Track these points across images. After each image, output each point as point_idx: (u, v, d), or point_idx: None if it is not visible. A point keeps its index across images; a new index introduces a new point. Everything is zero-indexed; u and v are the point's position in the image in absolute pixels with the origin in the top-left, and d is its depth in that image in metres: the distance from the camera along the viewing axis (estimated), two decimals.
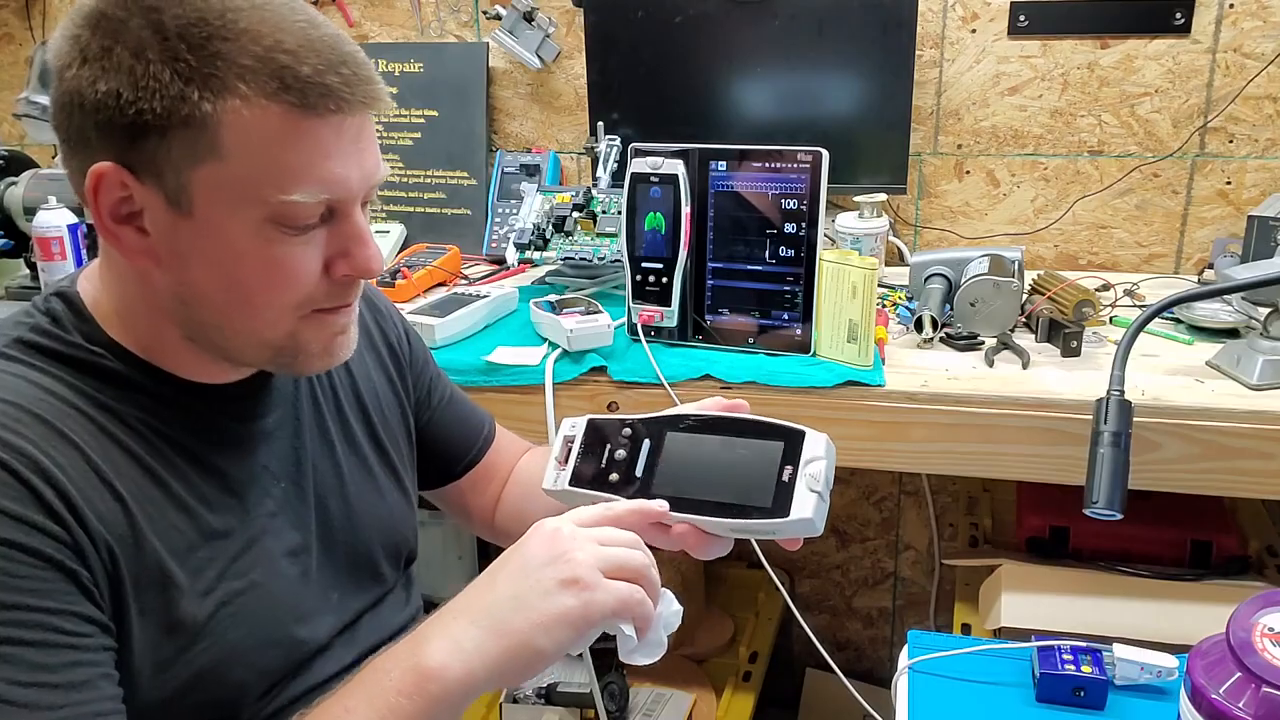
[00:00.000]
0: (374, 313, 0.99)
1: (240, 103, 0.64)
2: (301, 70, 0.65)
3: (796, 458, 0.67)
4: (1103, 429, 1.06)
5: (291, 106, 0.65)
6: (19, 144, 2.12)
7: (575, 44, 1.94)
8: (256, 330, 0.72)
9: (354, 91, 0.67)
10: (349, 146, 0.69)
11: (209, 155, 0.65)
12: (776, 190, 1.33)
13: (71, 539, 0.65)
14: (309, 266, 0.71)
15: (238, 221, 0.67)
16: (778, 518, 0.66)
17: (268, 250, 0.68)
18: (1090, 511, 1.03)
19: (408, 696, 0.64)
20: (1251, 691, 0.68)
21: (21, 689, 0.60)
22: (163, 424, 0.74)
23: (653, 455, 0.71)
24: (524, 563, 0.68)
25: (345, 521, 0.87)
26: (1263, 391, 1.19)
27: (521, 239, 1.66)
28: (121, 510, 0.69)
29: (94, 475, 0.68)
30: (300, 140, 0.66)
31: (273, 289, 0.70)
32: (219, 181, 0.66)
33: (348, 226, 0.71)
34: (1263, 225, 1.54)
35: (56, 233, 1.49)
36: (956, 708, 0.91)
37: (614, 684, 1.70)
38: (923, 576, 2.08)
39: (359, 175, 0.70)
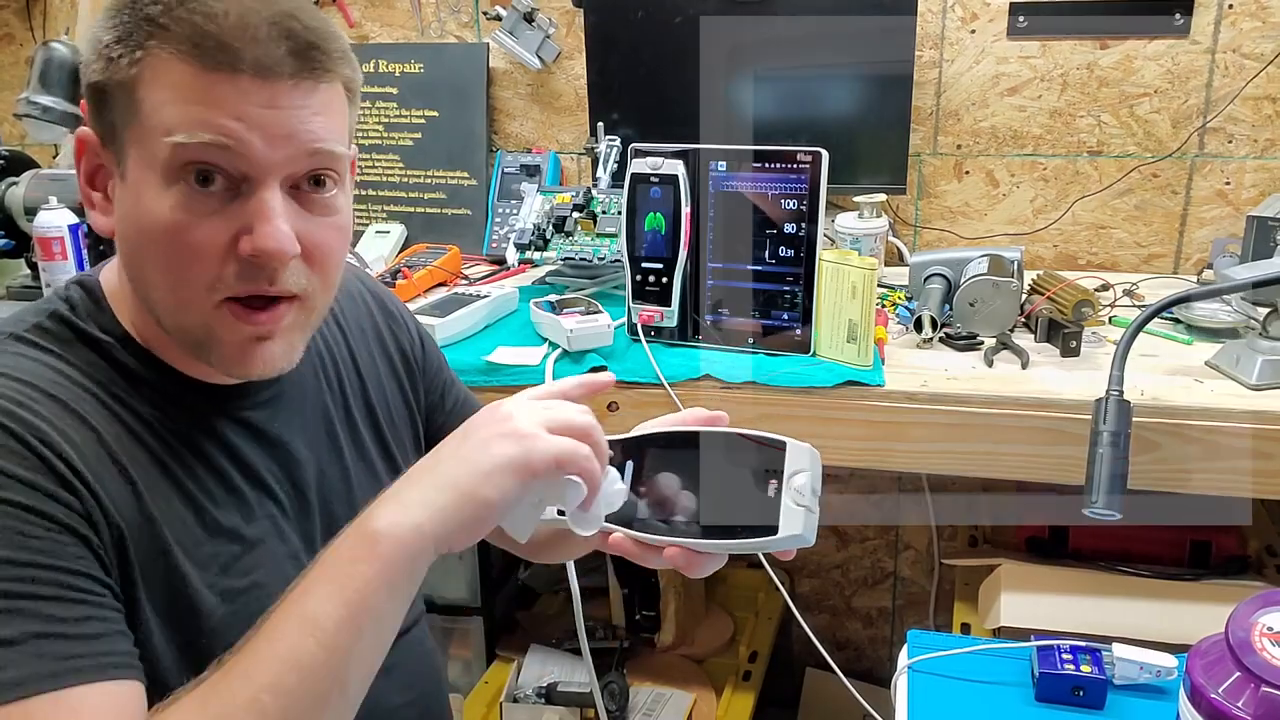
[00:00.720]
0: (386, 316, 0.98)
1: (152, 59, 0.67)
2: (208, 28, 0.66)
3: (780, 472, 0.66)
4: (1102, 429, 1.06)
5: (193, 61, 0.66)
6: (19, 144, 2.12)
7: (575, 44, 1.94)
8: (174, 312, 0.71)
9: (264, 52, 0.66)
10: (258, 109, 0.67)
11: (133, 113, 0.68)
12: (776, 190, 1.33)
13: (83, 507, 0.65)
14: (213, 238, 0.68)
15: (149, 180, 0.68)
16: (766, 536, 0.65)
17: (172, 217, 0.67)
18: (1090, 512, 1.03)
19: (363, 561, 0.63)
20: (1251, 691, 0.68)
21: (37, 640, 0.61)
22: (170, 420, 0.74)
23: (635, 477, 0.71)
24: (467, 428, 0.68)
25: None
26: (1262, 391, 1.19)
27: (522, 239, 1.66)
28: (132, 493, 0.69)
29: (107, 457, 0.68)
30: (196, 92, 0.66)
31: (177, 260, 0.68)
32: (138, 139, 0.68)
33: (256, 202, 0.68)
34: (1262, 225, 1.54)
35: (57, 233, 1.49)
36: (956, 707, 0.91)
37: (614, 684, 1.70)
38: (922, 576, 2.08)
39: (267, 139, 0.67)
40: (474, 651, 1.94)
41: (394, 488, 0.67)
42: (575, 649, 1.78)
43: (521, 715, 1.72)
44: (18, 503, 0.63)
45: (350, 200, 0.77)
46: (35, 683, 0.60)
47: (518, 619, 1.99)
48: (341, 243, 0.75)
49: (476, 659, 1.93)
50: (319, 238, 0.72)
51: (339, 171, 0.73)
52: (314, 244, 0.72)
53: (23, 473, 0.64)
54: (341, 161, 0.73)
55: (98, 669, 0.63)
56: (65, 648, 0.62)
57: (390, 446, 0.93)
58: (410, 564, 0.64)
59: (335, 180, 0.73)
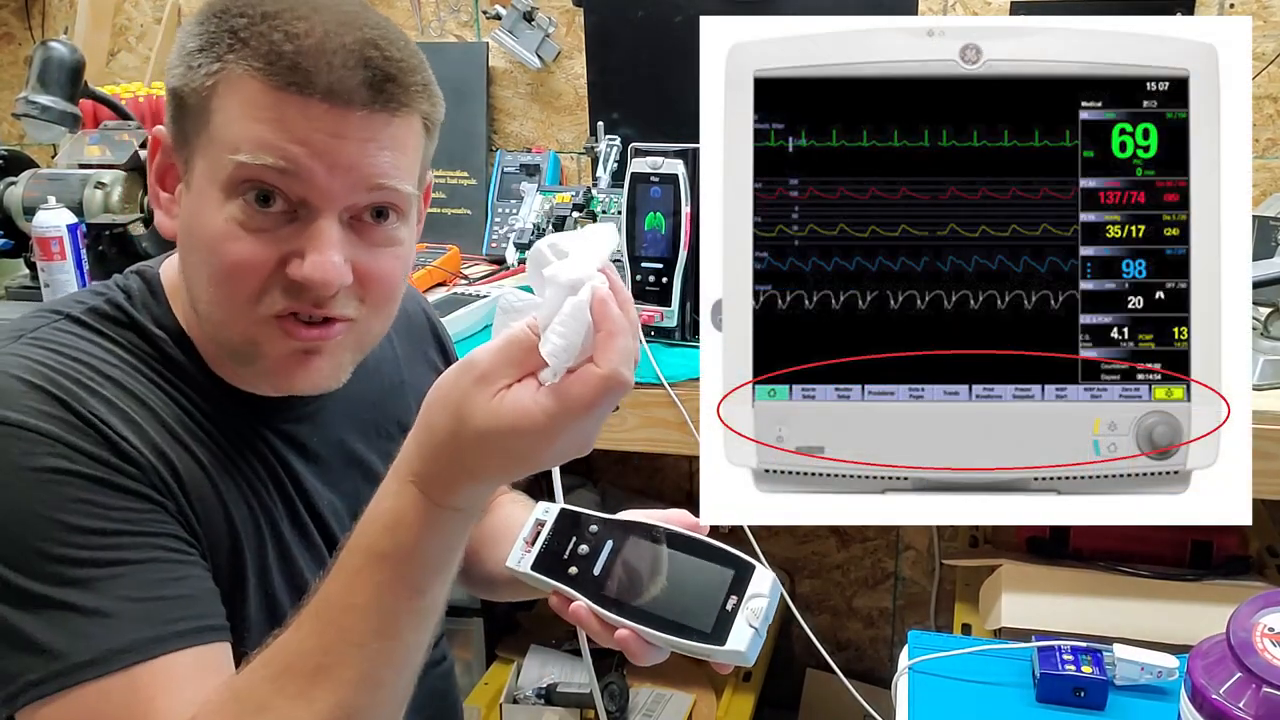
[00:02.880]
0: (440, 349, 0.99)
1: (228, 72, 0.66)
2: (285, 48, 0.65)
3: (743, 590, 0.69)
4: None
5: (265, 79, 0.65)
6: (19, 144, 2.11)
7: (575, 44, 1.94)
8: (221, 323, 0.70)
9: (338, 79, 0.65)
10: (325, 137, 0.65)
11: (204, 125, 0.67)
12: None
13: (148, 479, 0.66)
14: (263, 256, 0.67)
15: (211, 194, 0.67)
16: (713, 644, 0.67)
17: (229, 229, 0.67)
18: None
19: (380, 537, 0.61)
20: (1252, 691, 0.68)
21: (134, 605, 0.62)
22: (210, 424, 0.74)
23: (611, 557, 0.73)
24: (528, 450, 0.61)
25: None
26: (1263, 391, 1.19)
27: (521, 239, 1.66)
28: (197, 466, 0.70)
29: (167, 433, 0.69)
30: (265, 111, 0.65)
31: (224, 272, 0.67)
32: (205, 150, 0.68)
33: (314, 230, 0.67)
34: (1263, 225, 1.54)
35: (56, 233, 1.49)
36: (957, 708, 0.91)
37: (614, 684, 1.70)
38: (923, 576, 2.08)
39: (329, 168, 0.66)
40: (474, 652, 1.94)
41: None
42: (575, 650, 1.78)
43: (521, 716, 1.71)
44: (88, 475, 0.63)
45: (415, 231, 0.75)
46: (136, 651, 0.61)
47: (518, 620, 1.99)
48: (399, 273, 0.74)
49: (476, 660, 1.93)
50: (375, 268, 0.71)
51: (403, 208, 0.71)
52: (369, 273, 0.70)
53: (87, 446, 0.64)
54: (406, 199, 0.71)
55: (195, 632, 0.64)
56: (162, 612, 0.62)
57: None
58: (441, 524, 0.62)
59: (399, 215, 0.71)
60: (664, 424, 1.30)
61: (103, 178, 1.59)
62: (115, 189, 1.59)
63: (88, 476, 0.63)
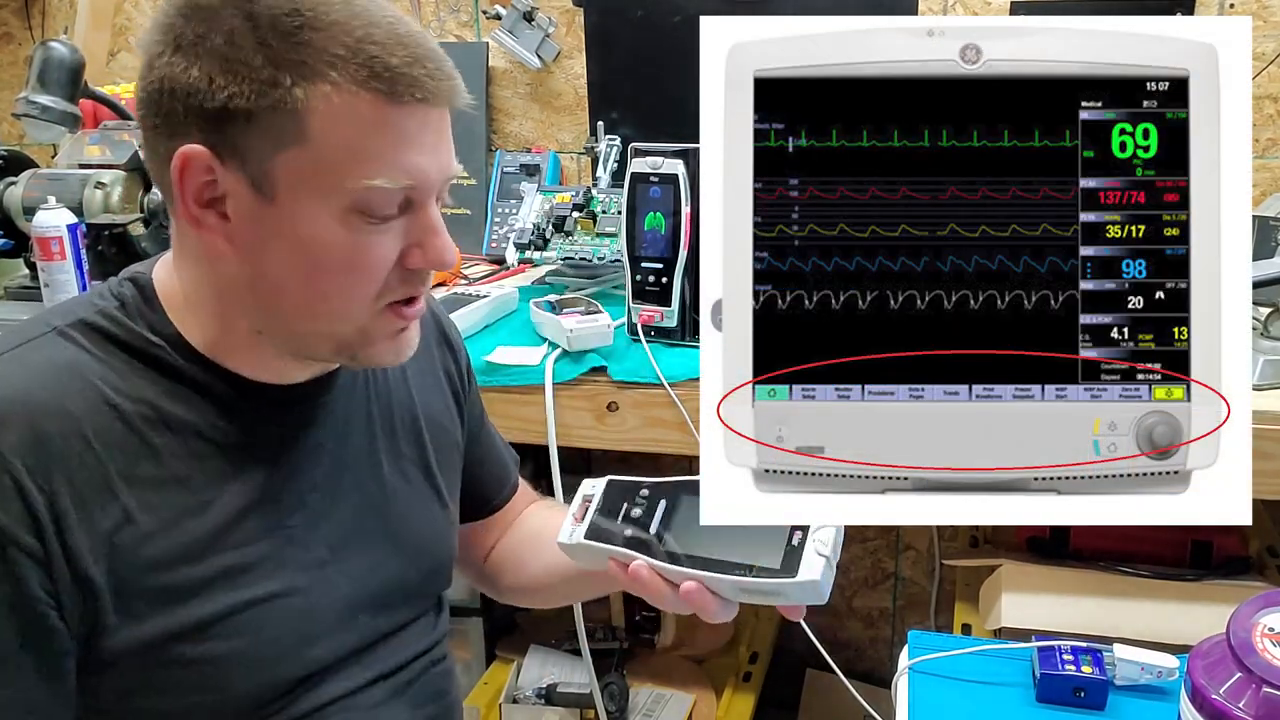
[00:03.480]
0: (444, 342, 0.99)
1: (330, 89, 0.66)
2: (390, 60, 0.66)
3: (806, 526, 0.69)
4: None
5: (379, 94, 0.66)
6: (19, 144, 2.11)
7: (575, 44, 1.94)
8: (330, 321, 0.72)
9: (438, 85, 0.69)
10: (430, 139, 0.70)
11: (294, 140, 0.66)
12: None
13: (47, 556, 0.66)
14: (387, 256, 0.71)
15: (320, 209, 0.68)
16: (785, 577, 0.67)
17: (349, 239, 0.69)
18: None
19: None
20: (1252, 692, 0.68)
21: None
22: (208, 425, 0.74)
23: (667, 515, 0.73)
24: None
25: (381, 542, 0.85)
26: (1263, 391, 1.19)
27: (521, 239, 1.66)
28: (123, 515, 0.69)
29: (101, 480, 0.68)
30: (386, 128, 0.67)
31: (351, 278, 0.71)
32: (303, 167, 0.67)
33: (424, 218, 0.72)
34: (1263, 225, 1.54)
35: (56, 233, 1.49)
36: (956, 708, 0.91)
37: (614, 685, 1.70)
38: (923, 576, 2.08)
39: (437, 168, 0.71)
40: (474, 652, 1.94)
41: None
42: (575, 650, 1.78)
43: (521, 716, 1.71)
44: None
45: None
46: None
47: (517, 620, 1.99)
48: None
49: (476, 660, 1.93)
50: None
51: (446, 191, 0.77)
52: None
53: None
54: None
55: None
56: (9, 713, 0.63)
57: (432, 464, 0.92)
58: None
59: (444, 198, 0.77)
60: (664, 424, 1.30)
61: (103, 178, 1.59)
62: (115, 189, 1.59)
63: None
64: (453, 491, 0.96)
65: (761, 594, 0.68)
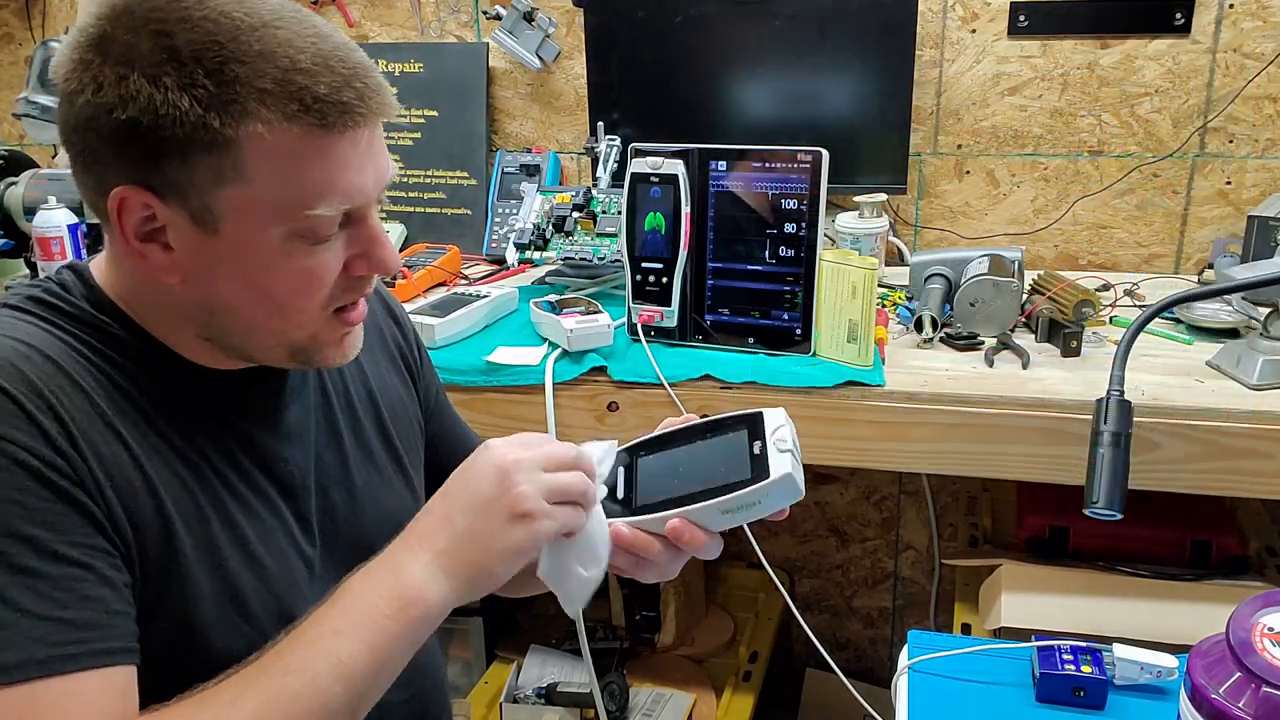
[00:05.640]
0: (389, 316, 0.99)
1: (262, 127, 0.66)
2: (318, 90, 0.66)
3: (762, 432, 0.72)
4: (1103, 429, 1.06)
5: (311, 126, 0.67)
6: (19, 144, 2.12)
7: (575, 44, 1.94)
8: (284, 333, 0.75)
9: (368, 104, 0.69)
10: (364, 156, 0.71)
11: (234, 178, 0.67)
12: (776, 190, 1.33)
13: (79, 479, 0.66)
14: (332, 269, 0.73)
15: (265, 238, 0.69)
16: (758, 482, 0.69)
17: (295, 262, 0.71)
18: (1090, 512, 1.03)
19: (393, 619, 0.69)
20: (1251, 691, 0.68)
21: (35, 619, 0.61)
22: (168, 391, 0.75)
23: (630, 476, 0.76)
24: (474, 496, 0.72)
25: (349, 515, 0.87)
26: (1262, 391, 1.19)
27: (521, 239, 1.66)
28: (128, 456, 0.70)
29: (99, 420, 0.69)
30: (321, 157, 0.68)
31: (302, 295, 0.73)
32: (246, 203, 0.68)
33: (364, 229, 0.74)
34: (1263, 225, 1.54)
35: (56, 232, 1.49)
36: (956, 708, 0.91)
37: (614, 684, 1.70)
38: (923, 576, 2.08)
39: (374, 180, 0.73)
40: (474, 652, 1.94)
41: (416, 549, 0.72)
42: (575, 649, 1.78)
43: (521, 715, 1.72)
44: (22, 468, 0.63)
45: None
46: (30, 667, 0.60)
47: (517, 619, 1.99)
48: None
49: (476, 659, 1.93)
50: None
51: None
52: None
53: (24, 439, 0.64)
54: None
55: (94, 655, 0.63)
56: (61, 632, 0.62)
57: (393, 438, 0.94)
58: (430, 628, 0.71)
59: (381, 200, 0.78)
60: None
61: None
62: None
63: (18, 469, 0.63)
64: (415, 463, 0.97)
65: (743, 508, 0.71)
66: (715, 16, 1.76)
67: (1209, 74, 1.70)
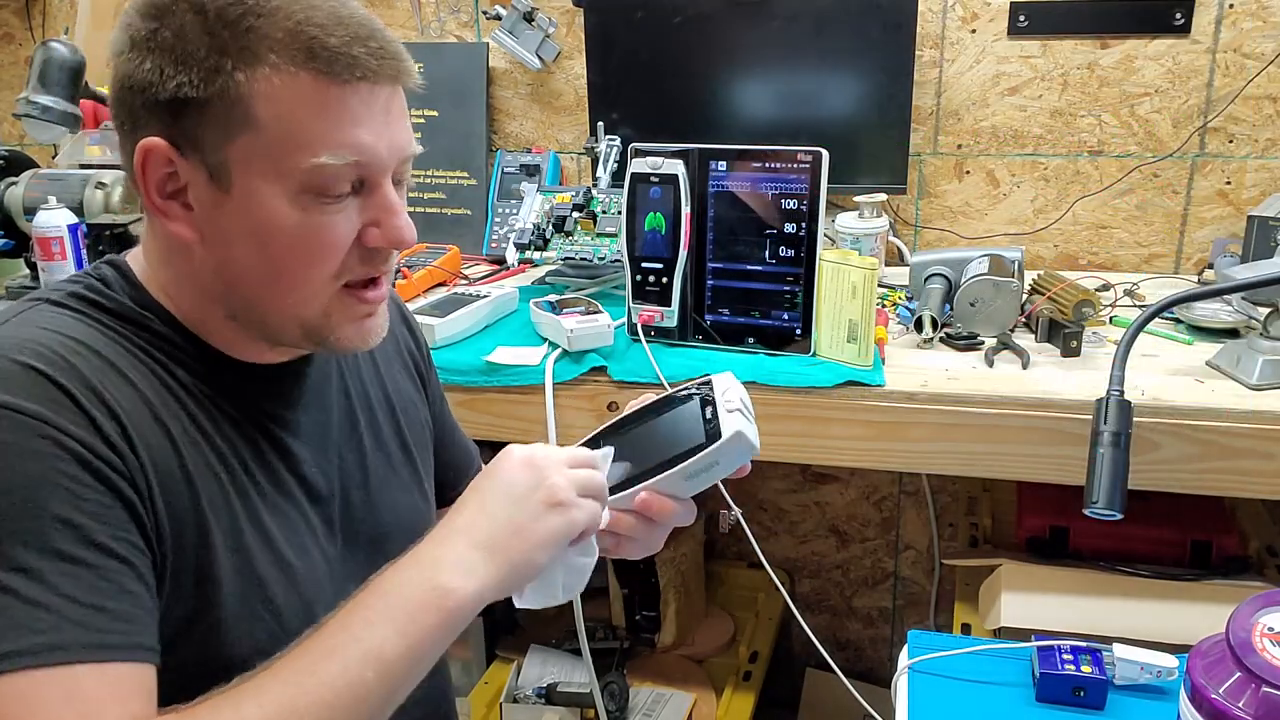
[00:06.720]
0: (403, 321, 1.01)
1: (270, 71, 0.67)
2: (329, 41, 0.68)
3: (712, 397, 0.76)
4: (1103, 429, 1.06)
5: (319, 74, 0.68)
6: (19, 144, 2.12)
7: (575, 44, 1.94)
8: (293, 305, 0.74)
9: (380, 64, 0.70)
10: (377, 116, 0.71)
11: (244, 127, 0.68)
12: (776, 190, 1.33)
13: (126, 468, 0.67)
14: (343, 235, 0.73)
15: (273, 192, 0.70)
16: (712, 443, 0.72)
17: (304, 219, 0.70)
18: (1090, 511, 1.03)
19: (429, 612, 0.68)
20: (1251, 691, 0.68)
21: (77, 606, 0.62)
22: (207, 387, 0.76)
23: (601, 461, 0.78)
24: (509, 489, 0.72)
25: (367, 515, 0.87)
26: (1262, 391, 1.19)
27: (521, 239, 1.66)
28: (173, 451, 0.71)
29: (148, 414, 0.70)
30: (328, 106, 0.69)
31: (309, 259, 0.72)
32: (253, 152, 0.69)
33: (379, 197, 0.73)
34: (1263, 225, 1.54)
35: (56, 233, 1.49)
36: (956, 708, 0.91)
37: (614, 684, 1.70)
38: (923, 576, 2.08)
39: (387, 145, 0.72)
40: (474, 651, 1.94)
41: (454, 542, 0.71)
42: (575, 649, 1.78)
43: (521, 715, 1.72)
44: (72, 458, 0.64)
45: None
46: (70, 650, 0.61)
47: (517, 619, 1.99)
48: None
49: (476, 659, 1.93)
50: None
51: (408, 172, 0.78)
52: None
53: (75, 429, 0.65)
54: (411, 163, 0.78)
55: (130, 648, 0.64)
56: (101, 621, 0.63)
57: (408, 440, 0.94)
58: (464, 621, 0.70)
59: (404, 179, 0.78)
60: None
61: (103, 178, 1.59)
62: (116, 189, 1.59)
63: (72, 462, 0.64)
64: (427, 468, 0.98)
65: (704, 471, 0.73)
66: (715, 16, 1.76)
67: (1209, 74, 1.70)
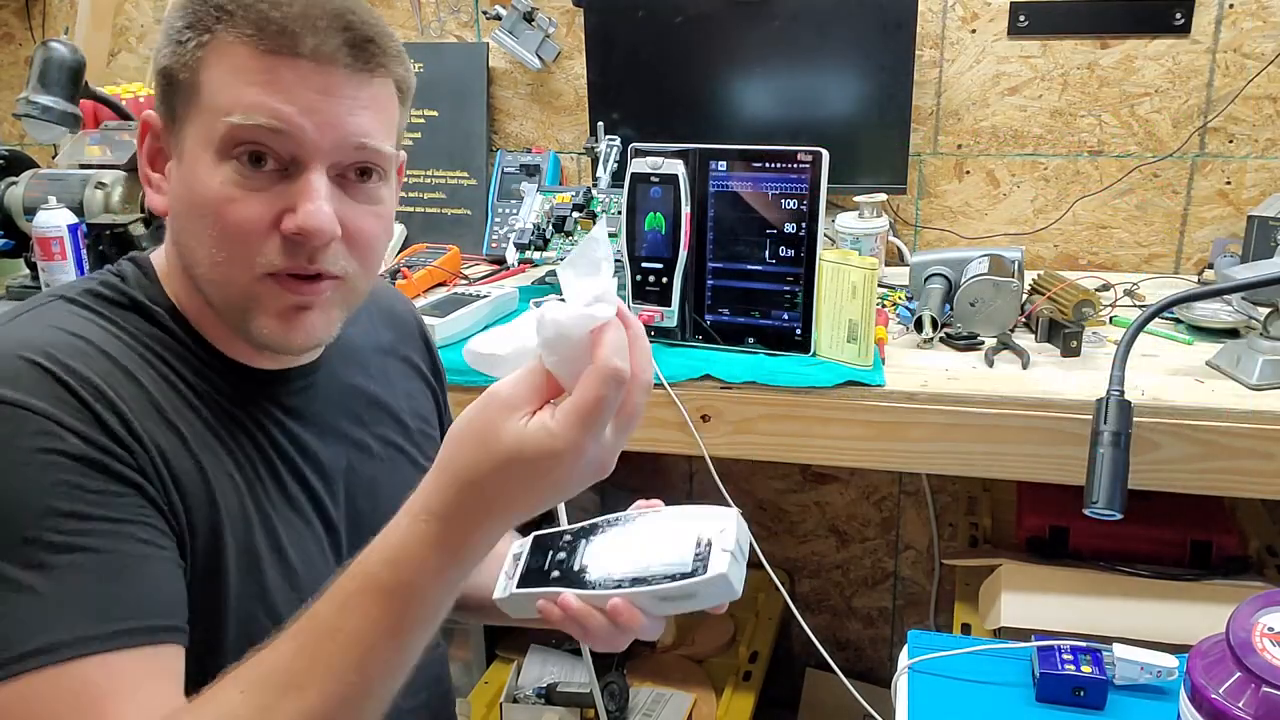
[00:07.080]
0: (425, 341, 1.02)
1: (215, 41, 0.70)
2: (273, 14, 0.69)
3: (711, 529, 0.72)
4: (1103, 429, 1.06)
5: (255, 44, 0.69)
6: (19, 144, 2.12)
7: (575, 44, 1.94)
8: (219, 285, 0.73)
9: (321, 42, 0.69)
10: (313, 95, 0.69)
11: (195, 95, 0.71)
12: (776, 190, 1.33)
13: (135, 460, 0.67)
14: (259, 215, 0.70)
15: (204, 160, 0.70)
16: (696, 576, 0.70)
17: (223, 189, 0.70)
18: (1090, 511, 1.03)
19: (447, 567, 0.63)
20: (1251, 691, 0.68)
21: (83, 595, 0.62)
22: (215, 390, 0.76)
23: (586, 550, 0.77)
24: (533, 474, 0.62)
25: (375, 524, 0.86)
26: (1262, 391, 1.19)
27: (521, 239, 1.66)
28: (185, 448, 0.71)
29: (155, 412, 0.70)
30: (254, 72, 0.69)
31: (223, 234, 0.70)
32: (196, 118, 0.71)
33: (302, 183, 0.71)
34: (1263, 225, 1.54)
35: (56, 233, 1.49)
36: (956, 708, 0.91)
37: (614, 684, 1.70)
38: (923, 576, 2.08)
39: (318, 123, 0.70)
40: (474, 651, 1.94)
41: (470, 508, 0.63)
42: (575, 649, 1.78)
43: (521, 715, 1.72)
44: (76, 455, 0.64)
45: (395, 197, 0.79)
46: (72, 646, 0.60)
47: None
48: (382, 231, 0.78)
49: (476, 659, 1.93)
50: (360, 223, 0.74)
51: (384, 168, 0.75)
52: (355, 229, 0.74)
53: (79, 425, 0.65)
54: (387, 159, 0.75)
55: (143, 632, 0.63)
56: (111, 607, 0.62)
57: (418, 459, 0.93)
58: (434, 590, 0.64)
59: (380, 175, 0.75)
60: (664, 424, 1.30)
61: (103, 178, 1.59)
62: (116, 189, 1.59)
63: (76, 457, 0.64)
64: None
65: (680, 598, 0.71)
66: (715, 16, 1.76)
67: (1209, 74, 1.70)
